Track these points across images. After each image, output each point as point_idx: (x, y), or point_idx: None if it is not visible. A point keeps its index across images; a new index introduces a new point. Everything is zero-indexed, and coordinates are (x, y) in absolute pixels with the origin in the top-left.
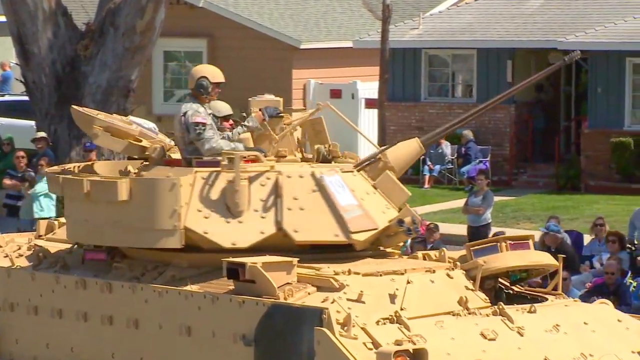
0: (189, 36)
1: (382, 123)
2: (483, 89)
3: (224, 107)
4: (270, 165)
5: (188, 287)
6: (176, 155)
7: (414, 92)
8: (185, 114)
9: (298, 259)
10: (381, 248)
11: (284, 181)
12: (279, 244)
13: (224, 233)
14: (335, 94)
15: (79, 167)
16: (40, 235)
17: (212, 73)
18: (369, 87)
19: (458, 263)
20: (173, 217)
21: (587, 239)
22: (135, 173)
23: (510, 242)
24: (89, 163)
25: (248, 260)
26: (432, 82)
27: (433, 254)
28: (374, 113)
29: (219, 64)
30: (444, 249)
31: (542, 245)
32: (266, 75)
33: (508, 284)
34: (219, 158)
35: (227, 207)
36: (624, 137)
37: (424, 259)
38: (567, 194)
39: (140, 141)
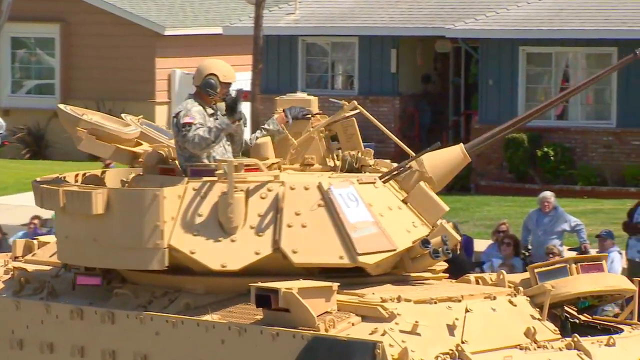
0: (40, 21)
1: (256, 118)
2: (365, 80)
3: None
4: (274, 175)
5: (208, 317)
6: None
7: (290, 84)
8: (177, 114)
9: None
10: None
11: (286, 194)
12: (276, 267)
13: (213, 253)
14: None
15: (84, 174)
16: (17, 257)
17: (224, 71)
18: (240, 77)
19: (520, 288)
20: (154, 235)
21: (477, 243)
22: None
23: (581, 263)
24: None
25: (281, 285)
26: (310, 73)
27: (488, 277)
28: (246, 107)
29: (73, 52)
30: (503, 271)
31: None
32: (127, 64)
33: (575, 312)
34: (214, 165)
35: (220, 223)
36: (517, 133)
37: (477, 282)
38: (455, 194)
39: (135, 145)
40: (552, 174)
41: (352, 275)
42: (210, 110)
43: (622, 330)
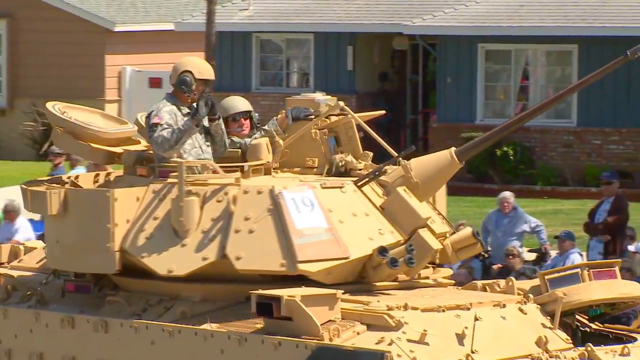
0: None
1: None
2: (321, 78)
3: (233, 104)
4: (236, 178)
5: (207, 326)
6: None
7: (243, 82)
8: (149, 114)
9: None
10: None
11: (238, 198)
12: (224, 273)
13: (162, 257)
14: (155, 83)
15: (107, 174)
16: (2, 263)
17: (199, 67)
18: None
19: (530, 295)
20: (105, 237)
21: None
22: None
23: (593, 269)
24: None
25: (283, 293)
26: (264, 70)
27: (496, 283)
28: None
29: (20, 49)
30: (512, 278)
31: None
32: (76, 61)
33: (586, 321)
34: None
35: (173, 227)
36: (476, 132)
37: (484, 289)
38: None
39: (132, 144)
40: (511, 174)
41: (299, 284)
42: (186, 110)
43: (635, 339)
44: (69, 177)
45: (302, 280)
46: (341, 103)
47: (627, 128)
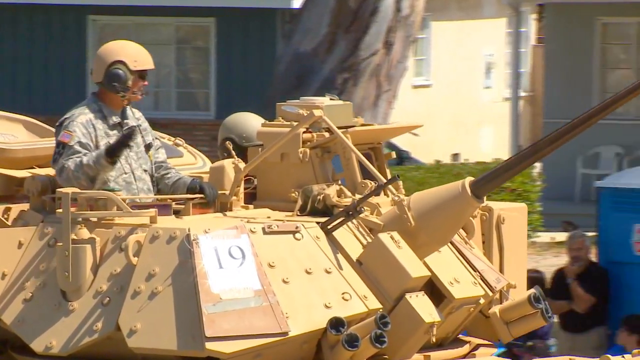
0: None
1: None
2: None
3: (254, 127)
4: (151, 216)
5: None
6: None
7: None
8: (62, 122)
9: None
10: None
11: (144, 245)
12: (122, 352)
13: (40, 328)
14: None
15: None
16: None
17: (133, 54)
18: None
19: None
20: None
21: None
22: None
23: None
24: None
25: None
26: None
27: None
28: None
29: None
30: (609, 356)
31: None
32: None
33: None
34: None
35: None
36: None
37: None
38: None
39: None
40: None
41: None
42: (115, 119)
43: None
44: None
45: None
46: (318, 112)
47: None
